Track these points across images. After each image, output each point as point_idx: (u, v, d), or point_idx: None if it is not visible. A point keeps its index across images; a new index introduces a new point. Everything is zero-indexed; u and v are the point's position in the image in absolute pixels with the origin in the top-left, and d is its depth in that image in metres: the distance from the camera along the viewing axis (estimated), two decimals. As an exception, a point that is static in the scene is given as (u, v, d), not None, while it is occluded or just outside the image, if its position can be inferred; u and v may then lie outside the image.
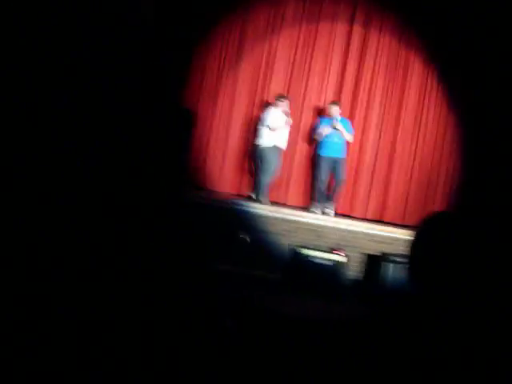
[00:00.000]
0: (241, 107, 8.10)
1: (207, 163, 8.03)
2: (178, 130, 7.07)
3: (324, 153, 7.82)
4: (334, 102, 7.89)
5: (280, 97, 7.73)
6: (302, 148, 8.24)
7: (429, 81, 8.43)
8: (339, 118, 7.74)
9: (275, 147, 7.62)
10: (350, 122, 7.98)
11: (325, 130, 7.71)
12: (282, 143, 7.71)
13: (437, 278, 1.47)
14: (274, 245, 7.03)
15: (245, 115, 8.11)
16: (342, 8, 8.25)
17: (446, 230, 1.49)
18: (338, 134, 7.72)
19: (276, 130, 7.55)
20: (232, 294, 5.59)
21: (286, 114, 7.66)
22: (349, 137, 7.80)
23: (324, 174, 7.79)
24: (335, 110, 7.72)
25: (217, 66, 8.05)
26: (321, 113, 8.15)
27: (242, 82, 8.10)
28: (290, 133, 7.89)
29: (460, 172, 8.41)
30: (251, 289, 6.11)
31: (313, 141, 8.07)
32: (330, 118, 7.73)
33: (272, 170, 7.62)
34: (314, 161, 8.02)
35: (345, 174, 7.91)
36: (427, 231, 1.53)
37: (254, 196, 7.64)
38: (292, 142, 7.99)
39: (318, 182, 7.85)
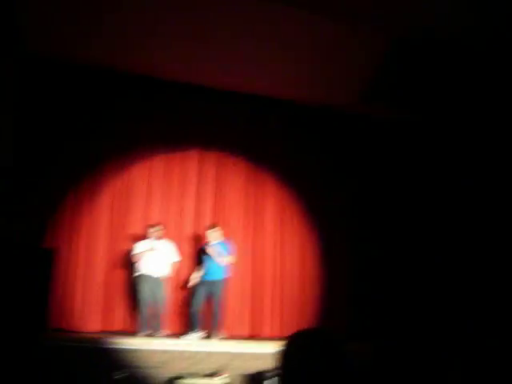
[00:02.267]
0: (102, 242, 8.06)
1: (70, 303, 7.72)
2: (36, 271, 6.86)
3: (201, 277, 7.90)
4: (210, 227, 8.06)
5: (151, 226, 7.88)
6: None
7: (283, 197, 9.08)
8: (214, 242, 7.92)
9: (143, 276, 7.61)
10: (228, 245, 8.06)
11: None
12: (151, 270, 7.67)
13: None
14: (151, 379, 6.77)
15: (104, 250, 8.06)
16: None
17: (308, 346, 1.61)
18: (211, 257, 7.87)
19: (136, 260, 7.61)
20: None
21: (158, 238, 7.75)
22: (220, 260, 7.86)
23: (198, 298, 7.79)
24: (209, 234, 7.94)
25: (72, 204, 8.04)
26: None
27: (99, 217, 8.12)
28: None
29: (324, 288, 8.91)
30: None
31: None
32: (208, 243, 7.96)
33: (144, 299, 7.52)
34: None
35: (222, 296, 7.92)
36: (292, 346, 1.64)
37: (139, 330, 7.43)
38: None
39: (192, 305, 7.85)
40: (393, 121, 9.03)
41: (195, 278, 7.95)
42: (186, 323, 8.04)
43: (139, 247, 7.71)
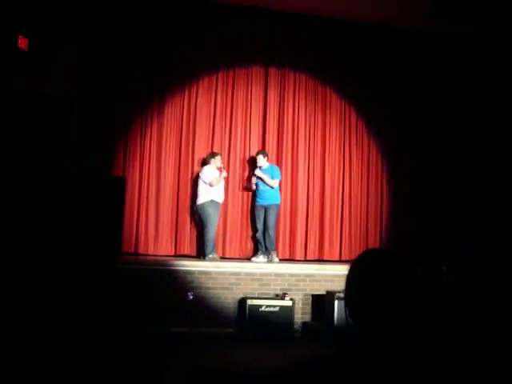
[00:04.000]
0: (167, 169, 8.14)
1: (142, 228, 7.99)
2: (108, 198, 7.10)
3: (256, 201, 8.06)
4: (257, 152, 8.14)
5: (212, 154, 7.96)
6: (234, 200, 8.39)
7: (347, 116, 8.87)
8: (265, 166, 8.01)
9: (213, 202, 7.76)
10: (278, 168, 8.20)
11: (252, 180, 8.01)
12: (219, 197, 7.86)
13: (369, 313, 1.51)
14: (223, 299, 7.06)
15: (172, 176, 8.17)
16: (255, 55, 8.59)
17: (375, 267, 1.54)
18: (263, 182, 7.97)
19: (213, 186, 7.72)
20: (183, 355, 5.57)
21: (219, 169, 7.86)
22: (270, 182, 7.92)
23: (259, 223, 7.98)
24: (259, 159, 8.01)
25: (139, 132, 8.12)
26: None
27: (166, 143, 8.17)
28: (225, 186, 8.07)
29: (388, 210, 8.86)
30: (205, 347, 6.10)
31: (249, 191, 8.31)
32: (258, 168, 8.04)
33: (213, 224, 7.73)
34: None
35: (275, 220, 8.04)
36: (358, 268, 1.59)
37: (205, 253, 7.65)
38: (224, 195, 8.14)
39: (256, 230, 8.09)
40: (457, 39, 8.54)
41: None
42: (253, 247, 8.24)
43: (210, 173, 7.78)
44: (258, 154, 8.10)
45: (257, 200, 8.08)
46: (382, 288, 1.49)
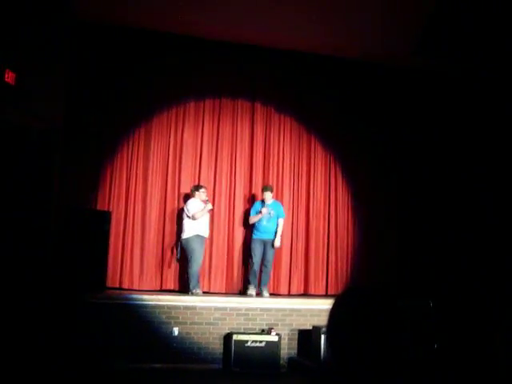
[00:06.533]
0: (153, 202, 8.11)
1: (127, 262, 7.90)
2: (92, 231, 7.06)
3: (254, 235, 8.05)
4: (265, 188, 8.15)
5: (196, 186, 7.95)
6: (219, 234, 8.36)
7: (332, 161, 8.97)
8: (269, 201, 8.04)
9: (198, 236, 7.70)
10: (281, 205, 8.22)
11: (257, 215, 8.00)
12: (204, 231, 7.81)
13: (350, 348, 1.50)
14: (208, 335, 6.97)
15: (158, 210, 8.13)
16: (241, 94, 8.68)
17: (356, 303, 1.54)
18: (268, 217, 7.96)
19: (197, 219, 7.69)
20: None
21: (205, 202, 7.84)
22: (274, 219, 8.00)
23: (254, 256, 7.95)
24: (267, 195, 8.05)
25: (125, 165, 8.11)
26: (253, 198, 8.47)
27: (152, 176, 8.15)
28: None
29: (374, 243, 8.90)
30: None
31: (247, 223, 8.30)
32: (262, 202, 8.07)
33: (198, 259, 7.66)
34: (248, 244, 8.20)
35: (273, 254, 8.08)
36: (340, 305, 1.58)
37: (189, 288, 7.57)
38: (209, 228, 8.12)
39: (248, 264, 8.08)
40: (444, 75, 8.75)
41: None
42: (238, 281, 8.21)
43: (195, 207, 7.77)
44: (266, 189, 8.10)
45: (255, 234, 8.05)
46: (360, 324, 1.49)
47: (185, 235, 7.71)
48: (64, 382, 5.35)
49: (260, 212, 7.98)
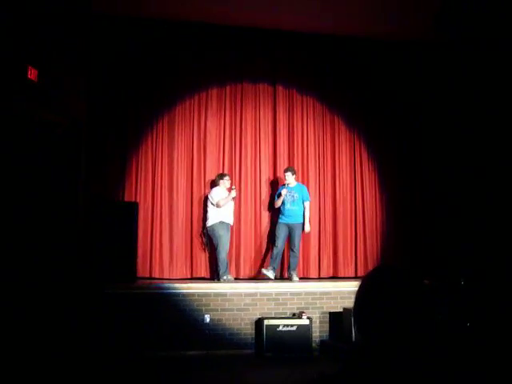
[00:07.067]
0: (179, 192, 8.17)
1: (156, 252, 7.99)
2: (120, 223, 7.14)
3: (280, 219, 8.03)
4: (286, 169, 8.10)
5: (220, 175, 7.99)
6: (246, 221, 8.37)
7: (356, 140, 8.89)
8: (293, 184, 7.99)
9: (222, 223, 7.75)
10: (305, 187, 8.18)
11: (282, 195, 7.95)
12: (229, 218, 7.86)
13: (377, 328, 1.49)
14: (239, 321, 7.01)
15: (185, 199, 8.18)
16: (262, 73, 8.66)
17: (384, 283, 1.53)
18: (291, 200, 7.93)
19: (221, 206, 7.72)
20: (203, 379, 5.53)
21: (229, 190, 7.87)
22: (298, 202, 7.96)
23: (278, 240, 7.93)
24: (287, 177, 7.99)
25: (150, 155, 8.18)
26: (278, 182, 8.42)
27: (177, 166, 8.21)
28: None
29: (400, 226, 8.79)
30: (224, 369, 6.05)
31: (273, 208, 8.29)
32: (285, 185, 8.01)
33: (225, 246, 7.71)
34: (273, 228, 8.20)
35: (300, 238, 8.04)
36: (367, 285, 1.57)
37: (219, 275, 7.63)
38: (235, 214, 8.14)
39: (272, 247, 8.08)
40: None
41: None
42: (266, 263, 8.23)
43: (218, 194, 7.79)
44: (286, 171, 8.04)
45: (280, 218, 8.02)
46: (389, 303, 1.49)
47: (209, 222, 7.77)
48: (99, 372, 5.45)
49: (280, 194, 7.95)
